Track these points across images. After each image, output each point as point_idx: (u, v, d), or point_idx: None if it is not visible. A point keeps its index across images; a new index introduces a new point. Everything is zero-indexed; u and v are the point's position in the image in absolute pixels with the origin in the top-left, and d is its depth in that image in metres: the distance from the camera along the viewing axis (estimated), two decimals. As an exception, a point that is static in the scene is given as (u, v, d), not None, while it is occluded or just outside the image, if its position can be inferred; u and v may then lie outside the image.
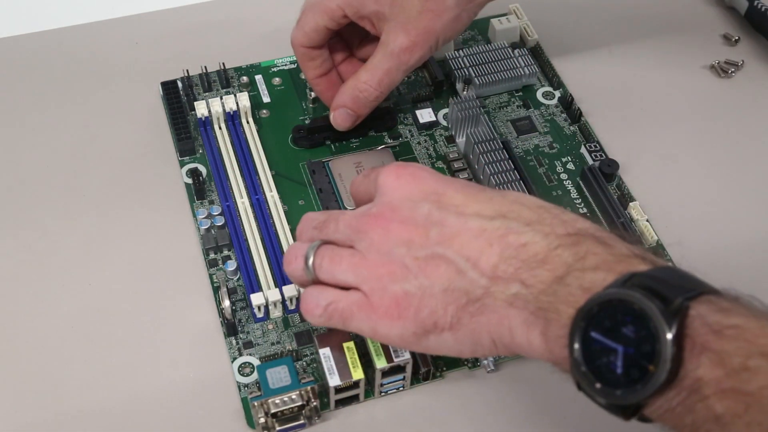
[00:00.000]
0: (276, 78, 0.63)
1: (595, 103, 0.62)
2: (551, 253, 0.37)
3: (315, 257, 0.43)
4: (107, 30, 0.67)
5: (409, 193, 0.42)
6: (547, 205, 0.40)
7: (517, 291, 0.37)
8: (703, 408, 0.32)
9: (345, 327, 0.43)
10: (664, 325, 0.32)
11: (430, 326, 0.40)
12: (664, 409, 0.33)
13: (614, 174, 0.57)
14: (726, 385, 0.31)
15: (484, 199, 0.41)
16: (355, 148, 0.59)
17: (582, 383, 0.35)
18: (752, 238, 0.55)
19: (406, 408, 0.47)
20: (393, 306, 0.40)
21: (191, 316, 0.51)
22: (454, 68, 0.62)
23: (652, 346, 0.32)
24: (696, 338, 0.32)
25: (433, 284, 0.39)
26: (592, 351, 0.34)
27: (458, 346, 0.40)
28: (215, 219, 0.54)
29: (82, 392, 0.47)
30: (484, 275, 0.38)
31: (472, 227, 0.39)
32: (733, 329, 0.32)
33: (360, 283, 0.41)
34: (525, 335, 0.37)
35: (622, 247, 0.37)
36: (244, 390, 0.47)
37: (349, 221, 0.43)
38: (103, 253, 0.53)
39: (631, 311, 0.33)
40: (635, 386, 0.33)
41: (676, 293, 0.33)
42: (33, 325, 0.50)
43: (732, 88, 0.64)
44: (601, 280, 0.35)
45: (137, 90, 0.62)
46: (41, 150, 0.59)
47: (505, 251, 0.38)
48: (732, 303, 0.33)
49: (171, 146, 0.59)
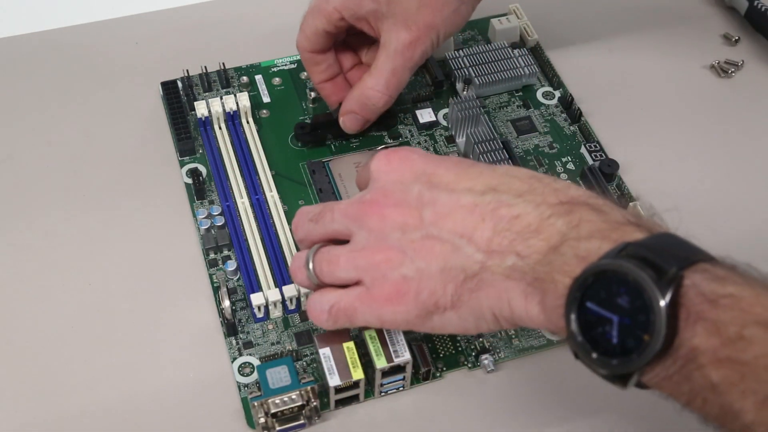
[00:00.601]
0: (276, 78, 0.63)
1: (595, 103, 0.62)
2: (544, 222, 0.37)
3: (314, 264, 0.44)
4: (107, 30, 0.67)
5: (400, 176, 0.42)
6: (539, 175, 0.40)
7: (513, 263, 0.37)
8: (700, 376, 0.32)
9: (353, 324, 0.43)
10: (657, 294, 0.32)
11: (432, 307, 0.40)
12: (660, 377, 0.33)
13: (614, 174, 0.57)
14: (722, 354, 0.31)
15: (475, 174, 0.41)
16: (355, 148, 0.59)
17: (579, 353, 0.35)
18: (752, 237, 0.55)
19: (406, 408, 0.47)
20: (393, 292, 0.41)
21: (191, 316, 0.51)
22: (454, 68, 0.62)
23: (647, 316, 0.33)
24: (691, 307, 0.32)
25: (430, 265, 0.40)
26: (588, 321, 0.35)
27: (462, 323, 0.40)
28: (215, 219, 0.54)
29: (82, 392, 0.48)
30: (479, 250, 0.38)
31: (464, 203, 0.39)
32: (729, 298, 0.32)
33: (361, 276, 0.42)
34: (524, 306, 0.38)
35: (616, 213, 0.37)
36: (244, 390, 0.47)
37: (345, 210, 0.43)
38: (103, 253, 0.53)
39: (625, 282, 0.34)
40: (631, 355, 0.33)
41: (670, 262, 0.33)
42: (33, 324, 0.50)
43: (732, 88, 0.64)
44: (596, 249, 0.35)
45: (137, 90, 0.62)
46: (41, 150, 0.59)
47: (498, 224, 0.38)
48: (727, 271, 0.33)
49: (171, 146, 0.59)
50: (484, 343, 0.49)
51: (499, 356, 0.49)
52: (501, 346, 0.50)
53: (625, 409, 0.47)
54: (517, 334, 0.50)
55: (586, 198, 0.38)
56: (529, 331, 0.50)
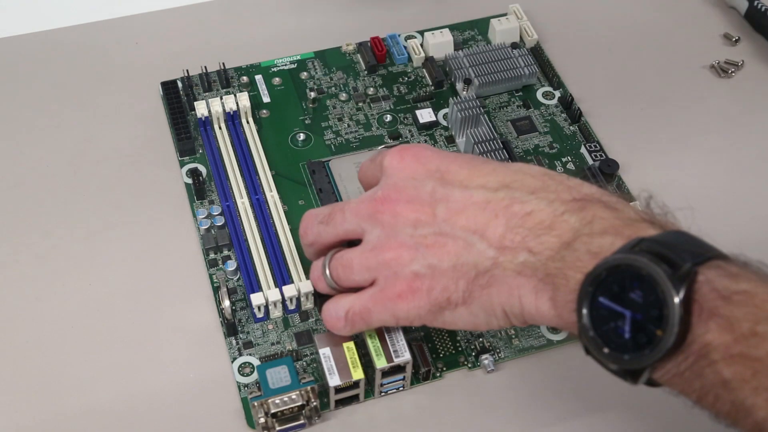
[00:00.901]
0: (276, 78, 0.63)
1: (595, 103, 0.62)
2: (557, 219, 0.37)
3: (330, 270, 0.44)
4: (107, 30, 0.67)
5: (414, 172, 0.42)
6: (552, 173, 0.40)
7: (525, 259, 0.37)
8: (711, 373, 0.32)
9: (370, 326, 0.44)
10: (671, 290, 0.32)
11: (444, 303, 0.40)
12: (672, 374, 0.33)
13: (614, 174, 0.57)
14: (734, 350, 0.31)
15: (488, 171, 0.41)
16: (354, 148, 0.59)
17: (590, 348, 0.35)
18: (753, 238, 0.55)
19: (406, 408, 0.47)
20: (406, 289, 0.41)
21: (191, 316, 0.51)
22: (454, 68, 0.62)
23: (660, 311, 0.32)
24: (704, 303, 0.32)
25: (442, 262, 0.40)
26: (599, 316, 0.34)
27: (473, 319, 0.40)
28: (215, 219, 0.54)
29: (82, 392, 0.47)
30: (491, 246, 0.38)
31: (477, 200, 0.39)
32: (742, 295, 0.32)
33: (374, 276, 0.42)
34: (534, 302, 0.37)
35: (629, 210, 0.37)
36: (244, 390, 0.47)
37: (356, 209, 0.43)
38: (103, 253, 0.53)
39: (638, 276, 0.33)
40: (643, 351, 0.33)
41: (684, 258, 0.33)
42: (33, 324, 0.50)
43: (732, 88, 0.64)
44: (609, 245, 0.35)
45: (137, 90, 0.62)
46: (41, 150, 0.59)
47: (510, 221, 0.38)
48: (741, 268, 0.33)
49: (171, 146, 0.59)
50: (484, 343, 0.49)
51: (499, 356, 0.49)
52: (501, 346, 0.50)
53: (626, 409, 0.47)
54: (517, 334, 0.50)
55: (599, 195, 0.38)
56: (529, 331, 0.50)
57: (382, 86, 0.62)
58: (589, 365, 0.49)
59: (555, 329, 0.50)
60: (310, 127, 0.60)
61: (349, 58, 0.64)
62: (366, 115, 0.61)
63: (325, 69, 0.63)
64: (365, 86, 0.62)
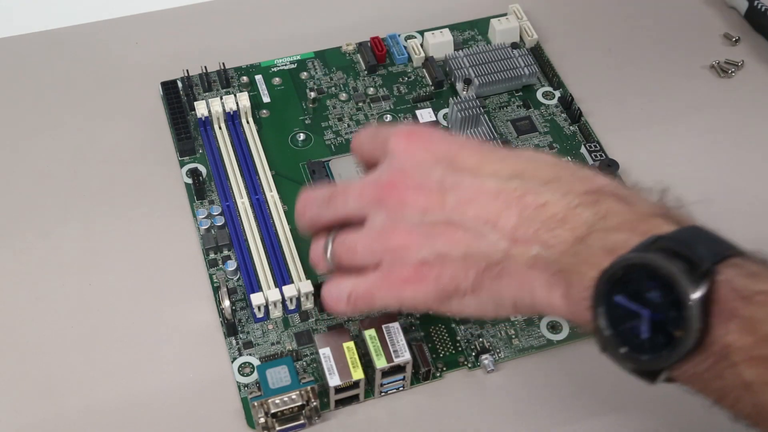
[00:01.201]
0: (276, 78, 0.63)
1: (595, 103, 0.62)
2: (571, 212, 0.36)
3: (333, 255, 0.43)
4: (107, 30, 0.67)
5: (422, 157, 0.41)
6: (563, 163, 0.39)
7: (538, 252, 0.37)
8: (732, 374, 0.31)
9: (371, 308, 0.43)
10: (691, 290, 0.31)
11: (452, 291, 0.39)
12: (690, 374, 0.32)
13: (614, 174, 0.57)
14: (756, 352, 0.31)
15: (499, 158, 0.40)
16: (355, 148, 0.59)
17: (606, 347, 0.34)
18: (753, 238, 0.55)
19: (406, 408, 0.47)
20: (413, 274, 0.40)
21: (191, 316, 0.51)
22: (454, 68, 0.62)
23: (679, 311, 0.32)
24: (724, 304, 0.31)
25: (451, 251, 0.39)
26: (616, 315, 0.34)
27: (481, 308, 0.40)
28: (215, 219, 0.54)
29: (82, 392, 0.47)
30: (503, 238, 0.37)
31: (489, 189, 0.38)
32: (763, 295, 0.31)
33: (379, 260, 0.41)
34: (546, 297, 0.37)
35: (643, 204, 0.36)
36: (244, 390, 0.47)
37: (360, 192, 0.42)
38: (103, 253, 0.53)
39: (656, 276, 0.33)
40: (661, 352, 0.32)
41: (702, 257, 0.32)
42: (33, 324, 0.50)
43: (732, 88, 0.64)
44: (624, 242, 0.34)
45: (137, 90, 0.62)
46: (41, 150, 0.59)
47: (523, 212, 0.37)
48: (760, 267, 0.33)
49: (171, 146, 0.59)
50: (484, 343, 0.49)
51: (499, 356, 0.49)
52: (501, 346, 0.50)
53: (626, 410, 0.47)
54: (517, 334, 0.50)
55: (612, 188, 0.37)
56: (529, 331, 0.50)
57: (382, 86, 0.62)
58: (590, 365, 0.49)
59: (555, 329, 0.50)
60: (310, 127, 0.60)
61: (349, 58, 0.64)
62: (366, 115, 0.61)
63: (325, 69, 0.63)
64: (365, 86, 0.62)
